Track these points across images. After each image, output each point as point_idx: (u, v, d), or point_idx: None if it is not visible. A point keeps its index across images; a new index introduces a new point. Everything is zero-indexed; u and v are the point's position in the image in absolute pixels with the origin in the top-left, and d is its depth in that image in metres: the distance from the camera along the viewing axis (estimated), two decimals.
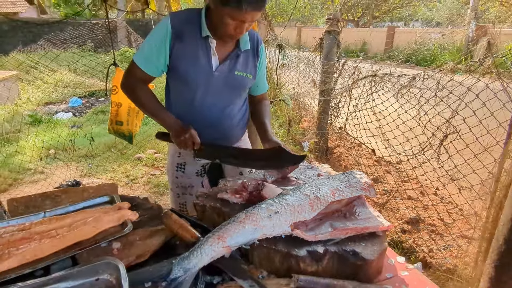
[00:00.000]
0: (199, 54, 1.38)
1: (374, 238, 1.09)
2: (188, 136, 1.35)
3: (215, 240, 0.96)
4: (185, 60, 1.38)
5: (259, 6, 1.23)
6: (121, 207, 1.18)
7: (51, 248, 0.97)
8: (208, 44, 1.39)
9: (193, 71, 1.39)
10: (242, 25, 1.28)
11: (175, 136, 1.38)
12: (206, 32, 1.36)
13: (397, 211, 2.67)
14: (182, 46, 1.36)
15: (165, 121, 1.42)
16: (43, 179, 3.79)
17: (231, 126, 1.57)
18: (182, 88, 1.45)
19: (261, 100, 1.69)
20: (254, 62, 1.52)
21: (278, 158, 1.35)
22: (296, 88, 4.74)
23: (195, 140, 1.36)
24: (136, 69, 1.41)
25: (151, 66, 1.41)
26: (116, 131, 2.63)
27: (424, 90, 2.00)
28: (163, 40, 1.35)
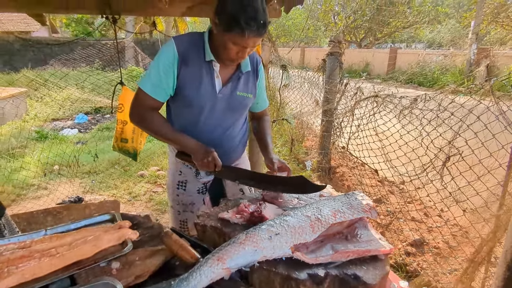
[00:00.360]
0: (204, 77, 1.42)
1: (376, 261, 1.07)
2: (211, 159, 1.36)
3: (215, 261, 0.96)
4: (190, 84, 1.41)
5: (260, 32, 1.27)
6: (121, 226, 1.18)
7: (50, 267, 0.96)
8: (212, 67, 1.43)
9: (198, 94, 1.42)
10: (244, 50, 1.32)
11: (198, 158, 1.38)
12: (211, 56, 1.40)
13: (401, 233, 2.63)
14: (187, 70, 1.39)
15: (186, 144, 1.41)
16: (46, 195, 3.80)
17: (233, 146, 1.61)
18: (186, 110, 1.47)
19: (262, 116, 1.74)
20: (254, 82, 1.56)
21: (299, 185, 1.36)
22: (299, 107, 4.79)
23: (217, 162, 1.37)
24: (144, 96, 1.40)
25: (161, 92, 1.41)
26: (121, 148, 2.66)
27: (425, 111, 2.02)
28: (171, 65, 1.37)
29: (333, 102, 3.41)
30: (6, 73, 11.41)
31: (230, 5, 1.24)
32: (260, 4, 1.25)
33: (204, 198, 1.66)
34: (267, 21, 1.28)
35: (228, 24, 1.25)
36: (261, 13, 1.24)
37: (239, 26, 1.22)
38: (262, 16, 1.24)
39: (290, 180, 1.41)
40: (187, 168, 1.62)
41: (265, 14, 1.26)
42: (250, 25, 1.22)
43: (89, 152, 4.50)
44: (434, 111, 1.95)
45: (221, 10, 1.27)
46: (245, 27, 1.22)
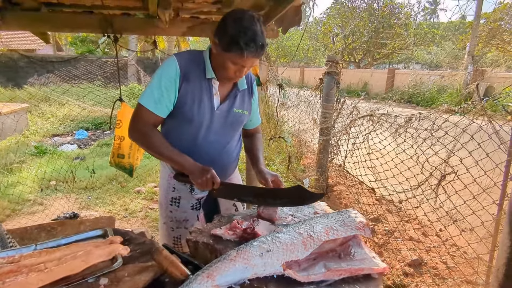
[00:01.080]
0: (203, 94, 1.45)
1: (369, 280, 1.06)
2: (209, 177, 1.36)
3: (204, 278, 0.94)
4: (190, 100, 1.43)
5: (258, 53, 1.33)
6: (113, 241, 1.16)
7: (37, 282, 0.95)
8: (212, 84, 1.47)
9: (198, 111, 1.44)
10: (242, 70, 1.38)
11: (196, 177, 1.37)
12: (212, 74, 1.44)
13: (399, 253, 2.59)
14: (188, 86, 1.42)
15: (181, 163, 1.41)
16: (41, 211, 3.76)
17: (229, 162, 1.63)
18: (185, 126, 1.48)
19: (254, 133, 1.77)
20: (249, 99, 1.61)
21: (298, 196, 1.36)
22: (297, 125, 4.82)
23: (216, 180, 1.37)
24: (145, 112, 1.41)
25: (163, 108, 1.42)
26: (118, 164, 2.66)
27: (420, 130, 2.04)
28: (173, 81, 1.40)
29: (330, 120, 3.44)
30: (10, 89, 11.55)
31: (230, 27, 1.30)
32: (259, 27, 1.31)
33: (198, 214, 1.65)
34: (265, 43, 1.34)
35: (228, 44, 1.30)
36: (260, 35, 1.30)
37: (239, 47, 1.28)
38: (261, 38, 1.30)
39: (288, 192, 1.40)
40: (181, 184, 1.61)
41: (263, 36, 1.32)
42: (249, 46, 1.28)
43: (86, 168, 4.49)
44: (428, 130, 1.97)
45: (222, 31, 1.33)
46: (245, 48, 1.27)
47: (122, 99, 2.64)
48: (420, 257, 2.47)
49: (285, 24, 2.57)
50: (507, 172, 1.58)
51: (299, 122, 4.69)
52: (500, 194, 1.62)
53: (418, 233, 2.76)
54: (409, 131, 2.16)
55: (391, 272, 2.41)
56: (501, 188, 1.61)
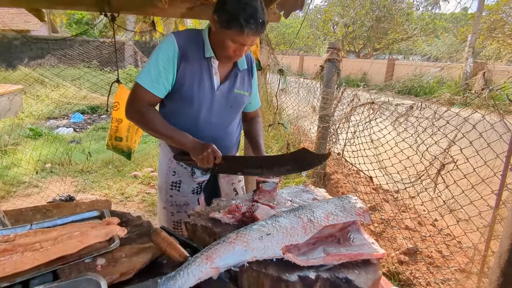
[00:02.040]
0: (203, 74, 1.41)
1: (368, 266, 1.05)
2: (210, 151, 1.32)
3: (203, 260, 0.93)
4: (189, 80, 1.40)
5: (259, 31, 1.29)
6: (110, 222, 1.15)
7: (32, 261, 0.93)
8: (211, 64, 1.43)
9: (198, 91, 1.41)
10: (242, 48, 1.33)
11: (197, 153, 1.33)
12: (210, 53, 1.40)
13: (394, 241, 2.61)
14: (187, 66, 1.39)
15: (181, 141, 1.38)
16: (37, 193, 3.74)
17: (231, 144, 1.61)
18: (185, 107, 1.45)
19: (254, 117, 1.73)
20: (249, 80, 1.57)
21: (302, 159, 1.33)
22: (296, 113, 4.79)
23: (217, 154, 1.33)
24: (142, 92, 1.37)
25: (160, 87, 1.38)
26: (115, 146, 2.63)
27: (421, 119, 2.02)
28: (171, 60, 1.36)
29: (330, 108, 3.41)
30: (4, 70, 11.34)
31: (230, 4, 1.26)
32: (259, 4, 1.27)
33: (199, 198, 1.64)
34: (266, 20, 1.29)
35: (227, 21, 1.26)
36: (260, 12, 1.26)
37: (239, 24, 1.24)
38: (261, 15, 1.26)
39: (293, 156, 1.36)
40: (182, 168, 1.59)
41: (263, 13, 1.28)
42: (249, 23, 1.24)
43: (82, 151, 4.45)
44: (429, 119, 1.96)
45: (221, 8, 1.28)
46: (244, 25, 1.24)
47: (120, 81, 2.59)
48: (416, 246, 2.50)
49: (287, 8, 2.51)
50: (507, 162, 1.57)
51: (298, 109, 4.66)
52: (500, 184, 1.62)
53: (414, 222, 2.78)
54: (410, 120, 2.14)
55: (386, 260, 2.44)
56: (500, 178, 1.61)
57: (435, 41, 24.99)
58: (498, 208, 1.63)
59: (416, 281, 2.21)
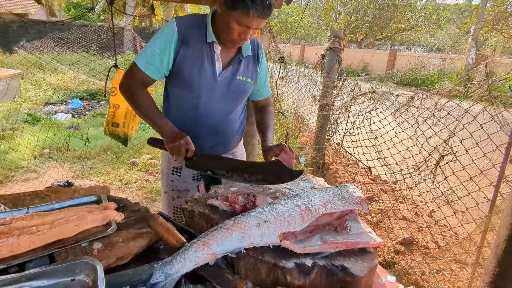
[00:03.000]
0: (204, 59, 1.39)
1: (365, 254, 1.06)
2: (183, 142, 1.29)
3: (200, 246, 0.93)
4: (190, 65, 1.38)
5: (265, 13, 1.26)
6: (107, 207, 1.15)
7: (29, 244, 0.93)
8: (213, 49, 1.40)
9: (198, 76, 1.39)
10: (247, 31, 1.30)
11: (169, 141, 1.32)
12: (212, 38, 1.37)
13: (391, 231, 2.63)
14: (187, 51, 1.37)
15: (160, 126, 1.37)
16: (35, 178, 3.74)
17: (233, 132, 1.58)
18: (186, 93, 1.44)
19: (265, 106, 1.68)
20: (255, 67, 1.54)
21: (275, 172, 1.31)
22: (296, 102, 4.76)
23: (190, 147, 1.31)
24: (137, 71, 1.38)
25: (153, 69, 1.38)
26: (112, 132, 2.61)
27: (422, 109, 2.00)
28: (168, 44, 1.35)
29: (330, 97, 3.39)
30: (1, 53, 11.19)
31: None
32: None
33: (199, 185, 1.64)
34: (272, 3, 1.27)
35: (233, 2, 1.24)
36: None
37: (245, 5, 1.22)
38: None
39: (265, 167, 1.36)
40: None
41: None
42: (255, 3, 1.21)
43: (80, 137, 4.43)
44: (430, 109, 1.94)
45: None
46: (250, 5, 1.21)
47: (118, 66, 2.55)
48: (412, 236, 2.52)
49: None
50: (507, 154, 1.57)
51: (298, 99, 4.63)
52: (498, 175, 1.62)
53: (411, 213, 2.80)
54: (410, 111, 2.12)
55: (383, 249, 2.46)
56: (499, 170, 1.60)
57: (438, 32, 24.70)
58: (496, 200, 1.63)
59: (412, 270, 2.23)
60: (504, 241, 0.75)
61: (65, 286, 0.80)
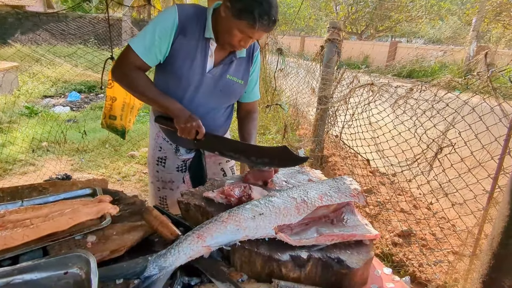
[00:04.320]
0: (197, 53, 1.37)
1: (361, 246, 1.05)
2: (195, 124, 1.30)
3: (195, 239, 0.93)
4: (183, 56, 1.36)
5: (269, 28, 1.26)
6: (101, 200, 1.14)
7: (22, 237, 0.93)
8: (208, 45, 1.38)
9: (187, 69, 1.37)
10: (248, 40, 1.30)
11: (182, 122, 1.31)
12: (211, 34, 1.35)
13: (389, 223, 2.64)
14: (183, 41, 1.34)
15: (169, 106, 1.34)
16: (33, 171, 3.73)
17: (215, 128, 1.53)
18: (173, 83, 1.42)
19: (250, 112, 1.63)
20: (247, 68, 1.51)
21: (281, 157, 1.32)
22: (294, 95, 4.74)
23: (201, 130, 1.32)
24: (133, 56, 1.33)
25: (151, 56, 1.34)
26: (109, 125, 2.60)
27: (421, 101, 1.99)
28: (169, 31, 1.31)
29: (329, 89, 3.36)
30: None
31: None
32: (275, 1, 1.24)
33: (184, 176, 1.63)
34: (277, 19, 1.27)
35: (240, 11, 1.22)
36: (274, 9, 1.23)
37: (251, 17, 1.20)
38: (275, 13, 1.23)
39: (273, 151, 1.37)
40: (167, 144, 1.59)
41: (277, 11, 1.25)
42: (262, 18, 1.21)
43: (79, 130, 4.41)
44: (429, 101, 1.92)
45: None
46: (257, 19, 1.20)
47: (114, 58, 2.52)
48: (410, 228, 2.52)
49: None
50: (505, 146, 1.56)
51: (297, 91, 4.60)
52: (496, 167, 1.61)
53: (409, 205, 2.80)
54: (409, 103, 2.10)
55: (380, 241, 2.46)
56: (498, 162, 1.59)
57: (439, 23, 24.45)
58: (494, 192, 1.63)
59: (409, 262, 2.24)
60: (499, 233, 0.75)
61: (58, 279, 0.79)
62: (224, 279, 0.92)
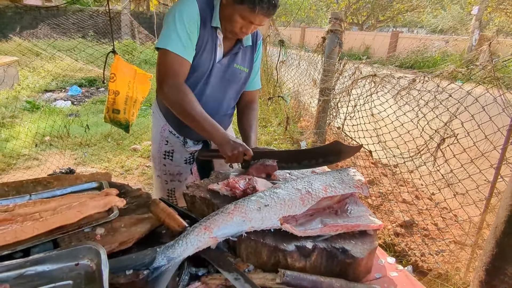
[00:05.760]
0: (208, 43, 1.38)
1: (365, 236, 1.07)
2: (241, 150, 1.29)
3: (202, 230, 0.94)
4: (198, 47, 1.36)
5: (270, 12, 1.26)
6: (108, 193, 1.15)
7: (32, 230, 0.94)
8: (216, 35, 1.39)
9: (201, 59, 1.38)
10: (249, 26, 1.30)
11: (228, 151, 1.29)
12: (217, 23, 1.35)
13: (391, 214, 2.66)
14: (203, 32, 1.34)
15: (213, 133, 1.31)
16: (37, 166, 3.76)
17: (224, 116, 1.58)
18: (190, 75, 1.40)
19: (250, 102, 1.63)
20: (252, 57, 1.54)
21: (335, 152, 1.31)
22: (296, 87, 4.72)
23: (248, 153, 1.31)
24: (176, 60, 1.28)
25: (190, 51, 1.31)
26: (113, 119, 2.60)
27: (423, 92, 1.98)
28: (196, 23, 1.31)
29: (331, 81, 3.35)
30: None
31: None
32: None
33: (192, 168, 1.65)
34: (278, 4, 1.27)
35: None
36: None
37: (252, 1, 1.21)
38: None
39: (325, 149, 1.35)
40: (174, 137, 1.59)
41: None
42: (262, 1, 1.21)
43: (81, 124, 4.42)
44: (432, 92, 1.92)
45: None
46: (258, 2, 1.20)
47: (116, 51, 2.52)
48: (412, 219, 2.54)
49: None
50: (508, 136, 1.56)
51: (299, 83, 4.59)
52: (499, 158, 1.61)
53: (411, 196, 2.81)
54: (411, 94, 2.10)
55: (383, 232, 2.49)
56: (500, 152, 1.60)
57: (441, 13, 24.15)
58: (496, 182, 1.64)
59: (411, 252, 2.27)
60: (503, 222, 0.76)
61: (70, 270, 0.81)
62: (230, 269, 0.94)
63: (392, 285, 1.03)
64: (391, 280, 1.05)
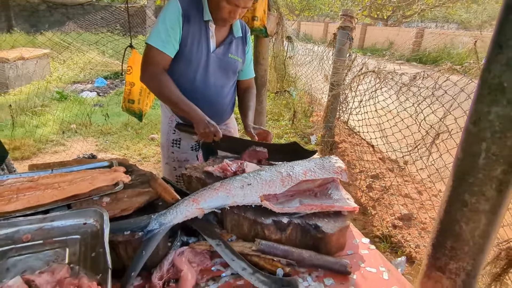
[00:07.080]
0: (201, 36, 1.53)
1: (338, 216, 1.18)
2: (213, 129, 1.46)
3: (190, 202, 1.09)
4: (190, 41, 1.51)
5: None
6: (116, 170, 1.33)
7: (51, 196, 1.13)
8: (208, 27, 1.53)
9: (196, 52, 1.53)
10: (236, 10, 1.43)
11: (201, 128, 1.46)
12: (209, 16, 1.50)
13: (391, 207, 2.72)
14: (189, 27, 1.49)
15: (190, 112, 1.47)
16: (63, 150, 4.07)
17: (225, 105, 1.73)
18: (184, 68, 1.57)
19: (248, 87, 1.82)
20: (243, 48, 1.68)
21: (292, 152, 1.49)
22: (309, 81, 4.79)
23: (218, 134, 1.47)
24: (155, 53, 1.46)
25: (170, 46, 1.47)
26: (128, 108, 2.81)
27: (422, 89, 2.04)
28: (177, 21, 1.46)
29: (341, 77, 3.41)
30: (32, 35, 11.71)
31: None
32: None
33: (198, 154, 1.80)
34: None
35: None
36: None
37: None
38: None
39: (284, 147, 1.53)
40: None
41: None
42: None
43: (102, 114, 4.71)
44: (430, 88, 1.97)
45: None
46: None
47: (133, 46, 2.71)
48: (411, 212, 2.60)
49: None
50: None
51: (311, 79, 4.65)
52: None
53: (415, 191, 2.86)
54: (412, 90, 2.16)
55: (381, 224, 2.56)
56: None
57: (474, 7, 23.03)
58: None
59: (407, 244, 2.34)
60: (445, 201, 0.86)
61: (79, 227, 0.98)
62: (215, 237, 1.09)
63: (360, 260, 1.13)
64: (360, 256, 1.16)
